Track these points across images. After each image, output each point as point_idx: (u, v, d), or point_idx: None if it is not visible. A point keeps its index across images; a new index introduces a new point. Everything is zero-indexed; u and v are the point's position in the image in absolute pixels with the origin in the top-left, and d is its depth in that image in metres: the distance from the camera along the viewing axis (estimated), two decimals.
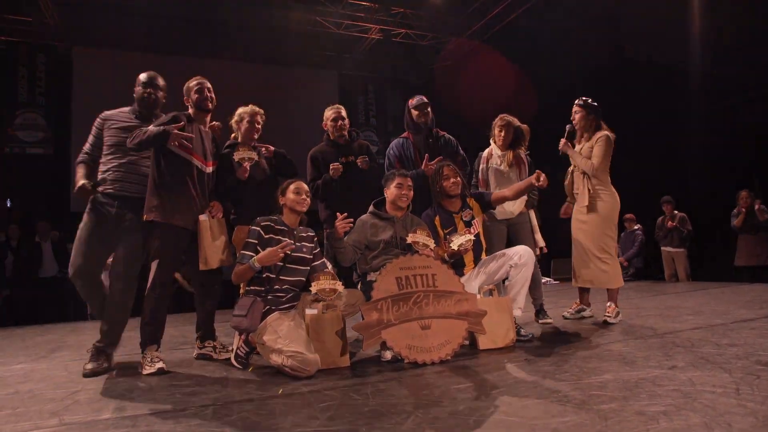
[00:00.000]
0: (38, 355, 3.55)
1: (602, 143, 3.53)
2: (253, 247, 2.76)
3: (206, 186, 2.98)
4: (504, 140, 3.69)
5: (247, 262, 2.71)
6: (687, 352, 2.43)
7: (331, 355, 2.62)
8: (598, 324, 3.49)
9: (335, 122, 3.67)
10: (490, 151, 3.79)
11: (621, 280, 3.58)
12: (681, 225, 7.37)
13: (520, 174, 3.68)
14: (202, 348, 3.09)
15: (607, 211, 3.56)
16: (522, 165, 3.71)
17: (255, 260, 2.69)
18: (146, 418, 1.89)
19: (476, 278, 3.13)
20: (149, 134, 2.69)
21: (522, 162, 3.72)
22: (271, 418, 1.81)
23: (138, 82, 3.04)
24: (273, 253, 2.70)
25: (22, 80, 9.63)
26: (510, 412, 1.71)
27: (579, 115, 3.66)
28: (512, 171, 3.68)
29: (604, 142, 3.53)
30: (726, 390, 1.79)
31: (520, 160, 3.71)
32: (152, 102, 3.02)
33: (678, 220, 7.36)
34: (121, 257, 2.85)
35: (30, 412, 2.04)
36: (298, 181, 2.99)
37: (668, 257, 7.57)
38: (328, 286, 2.72)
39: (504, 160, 3.69)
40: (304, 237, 2.94)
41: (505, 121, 3.70)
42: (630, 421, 1.53)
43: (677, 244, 7.44)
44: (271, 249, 2.72)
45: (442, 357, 2.59)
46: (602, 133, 3.56)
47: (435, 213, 3.26)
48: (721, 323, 3.20)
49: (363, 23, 10.52)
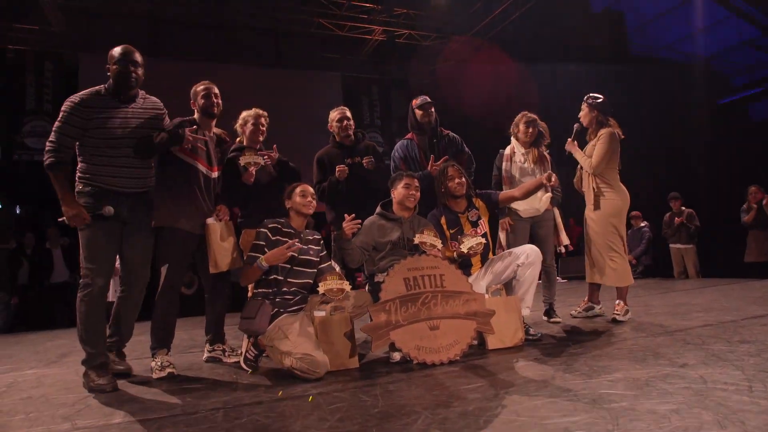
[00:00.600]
0: (50, 360, 3.59)
1: (603, 141, 3.52)
2: (261, 249, 2.77)
3: (212, 191, 2.99)
4: (531, 136, 3.69)
5: (254, 263, 2.73)
6: (698, 350, 2.41)
7: (340, 356, 2.63)
8: (607, 322, 3.47)
9: (340, 122, 3.68)
10: (512, 149, 3.79)
11: (630, 278, 3.56)
12: (689, 221, 7.30)
13: (542, 170, 3.67)
14: (211, 351, 3.10)
15: (613, 209, 3.55)
16: (545, 162, 3.71)
17: (262, 259, 2.71)
18: (157, 422, 1.90)
19: (484, 278, 3.13)
20: (162, 138, 2.67)
21: (545, 159, 3.73)
22: (281, 421, 1.82)
23: (111, 59, 2.68)
24: (280, 251, 2.71)
25: (29, 88, 9.72)
26: (520, 412, 1.70)
27: (583, 113, 3.66)
28: (537, 168, 3.69)
29: (606, 139, 3.52)
30: (738, 387, 1.77)
31: (543, 158, 3.72)
32: (133, 81, 2.69)
33: (686, 216, 7.30)
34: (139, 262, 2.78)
35: (43, 417, 2.06)
36: (303, 184, 3.01)
37: (677, 254, 7.51)
38: (335, 286, 2.73)
39: (528, 157, 3.70)
40: (311, 240, 2.95)
41: (531, 117, 3.72)
42: (641, 420, 1.52)
43: (686, 241, 7.37)
44: (278, 248, 2.73)
45: (450, 357, 2.59)
46: (605, 131, 3.55)
47: (441, 213, 3.26)
48: (732, 320, 3.17)
49: (366, 24, 10.54)
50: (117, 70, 2.66)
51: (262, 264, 2.71)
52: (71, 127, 2.56)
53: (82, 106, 2.58)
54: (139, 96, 2.80)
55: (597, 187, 3.56)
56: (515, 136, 3.79)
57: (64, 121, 2.56)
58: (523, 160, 3.71)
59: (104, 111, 2.63)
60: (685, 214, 7.30)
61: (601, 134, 3.55)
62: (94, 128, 2.59)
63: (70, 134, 2.56)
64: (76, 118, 2.56)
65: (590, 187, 3.60)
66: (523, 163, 3.71)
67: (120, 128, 2.65)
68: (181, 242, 2.83)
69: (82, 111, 2.57)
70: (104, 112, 2.63)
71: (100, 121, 2.60)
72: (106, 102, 2.66)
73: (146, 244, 2.78)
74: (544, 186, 3.22)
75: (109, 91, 2.69)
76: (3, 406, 2.28)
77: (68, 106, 2.58)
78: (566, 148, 3.72)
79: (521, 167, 3.71)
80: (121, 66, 2.66)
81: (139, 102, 2.78)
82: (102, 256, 2.59)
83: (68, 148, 2.56)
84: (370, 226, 3.08)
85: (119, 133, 2.64)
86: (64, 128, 2.55)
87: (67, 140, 2.55)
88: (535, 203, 3.59)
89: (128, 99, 2.73)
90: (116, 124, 2.65)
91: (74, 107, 2.57)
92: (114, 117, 2.65)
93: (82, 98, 2.61)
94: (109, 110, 2.65)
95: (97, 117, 2.60)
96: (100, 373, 2.49)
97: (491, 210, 3.38)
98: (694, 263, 7.33)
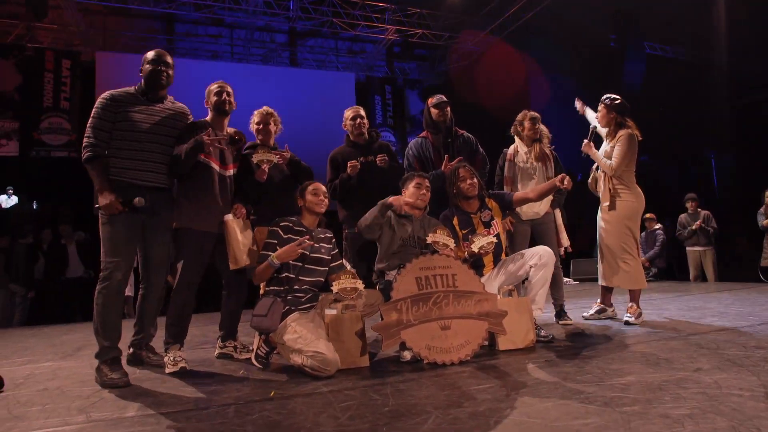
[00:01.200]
0: (65, 353, 3.64)
1: (623, 142, 3.48)
2: (273, 247, 2.78)
3: (228, 189, 3.02)
4: (536, 133, 3.70)
5: (266, 261, 2.75)
6: (712, 354, 2.38)
7: (351, 355, 2.64)
8: (619, 325, 3.44)
9: (354, 120, 3.69)
10: (515, 148, 3.79)
11: (644, 281, 3.53)
12: (706, 223, 7.18)
13: (546, 169, 3.68)
14: (223, 347, 3.13)
15: (628, 211, 3.51)
16: (548, 160, 3.71)
17: (273, 257, 2.72)
18: (170, 416, 1.92)
19: (496, 278, 3.12)
20: (186, 151, 2.75)
21: (548, 157, 3.71)
22: (292, 417, 1.83)
23: (145, 60, 2.83)
24: (291, 248, 2.73)
25: (47, 85, 9.89)
26: (531, 414, 1.70)
27: (600, 114, 3.63)
28: (539, 166, 3.68)
29: (626, 141, 3.48)
30: (754, 393, 1.75)
31: (545, 156, 3.70)
32: (164, 80, 2.83)
33: (703, 218, 7.18)
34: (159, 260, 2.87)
35: (58, 409, 2.10)
36: (316, 183, 3.02)
37: (695, 257, 7.34)
38: (349, 285, 2.75)
39: (530, 156, 3.69)
40: (323, 238, 2.96)
41: (535, 114, 3.73)
42: (654, 424, 1.51)
43: (705, 243, 7.22)
44: (289, 245, 2.75)
45: (461, 357, 2.58)
46: (624, 132, 3.51)
47: (453, 214, 3.25)
48: (747, 325, 3.12)
49: (380, 24, 10.55)
50: (150, 69, 2.81)
51: (274, 261, 2.72)
52: (104, 122, 2.69)
53: (112, 101, 2.72)
54: (168, 99, 2.94)
55: (614, 188, 3.53)
56: (519, 135, 3.79)
57: (97, 116, 2.69)
58: (526, 159, 3.71)
59: (133, 107, 2.76)
60: (702, 216, 7.18)
61: (620, 135, 3.51)
62: (121, 121, 2.71)
63: (104, 128, 2.69)
64: (108, 113, 2.70)
65: (607, 188, 3.56)
66: (525, 162, 3.70)
67: (146, 123, 2.77)
68: (198, 242, 2.87)
69: (112, 106, 2.71)
70: (133, 107, 2.76)
71: (127, 116, 2.73)
72: (136, 99, 2.80)
73: (166, 242, 2.87)
74: (557, 187, 3.20)
75: (139, 91, 2.83)
76: (20, 398, 2.32)
77: (100, 102, 2.72)
78: (583, 150, 3.68)
79: (522, 167, 3.71)
80: (154, 65, 2.81)
81: (167, 104, 2.92)
82: (122, 252, 2.65)
83: (103, 141, 2.69)
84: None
85: (144, 128, 2.76)
86: (97, 123, 2.69)
87: (102, 134, 2.68)
88: (534, 207, 3.58)
89: (157, 99, 2.86)
90: (143, 120, 2.76)
91: (106, 103, 2.71)
92: (141, 113, 2.77)
93: (113, 94, 2.75)
94: (138, 106, 2.78)
95: (125, 111, 2.73)
96: (113, 368, 2.52)
97: (504, 211, 3.37)
98: (713, 265, 7.18)
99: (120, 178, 2.68)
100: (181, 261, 2.85)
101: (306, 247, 2.78)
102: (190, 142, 2.78)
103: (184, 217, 2.85)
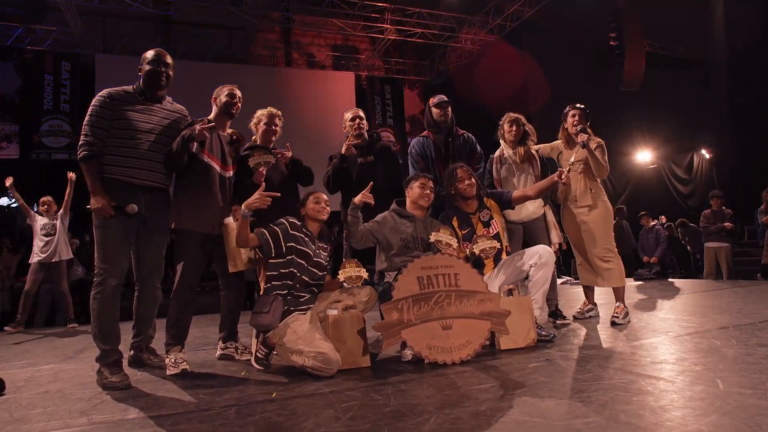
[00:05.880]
0: (66, 356, 3.64)
1: (602, 149, 3.54)
2: (275, 234, 2.76)
3: (228, 190, 3.01)
4: (516, 135, 3.71)
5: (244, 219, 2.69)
6: (714, 352, 2.37)
7: (352, 354, 2.64)
8: (621, 324, 3.42)
9: (353, 121, 3.69)
10: (501, 152, 3.82)
11: (624, 279, 3.54)
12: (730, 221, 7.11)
13: (533, 168, 3.72)
14: (224, 348, 3.13)
15: (608, 212, 3.58)
16: (533, 160, 3.74)
17: (243, 205, 2.68)
18: (171, 418, 1.92)
19: (496, 278, 3.11)
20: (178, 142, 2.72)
21: (533, 157, 3.75)
22: (293, 418, 1.83)
23: (144, 60, 2.79)
24: (259, 194, 2.69)
25: (47, 88, 9.89)
26: (532, 413, 1.69)
27: (576, 119, 3.60)
28: (525, 164, 3.71)
29: (603, 147, 3.56)
30: (756, 391, 1.74)
31: (531, 155, 3.73)
32: (163, 80, 2.80)
33: (729, 218, 7.10)
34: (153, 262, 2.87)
35: (60, 411, 2.10)
36: (316, 192, 3.02)
37: (711, 254, 7.21)
38: (354, 273, 2.81)
39: (516, 155, 3.72)
40: (322, 247, 2.98)
41: (514, 116, 3.76)
42: (655, 423, 1.51)
43: (722, 239, 7.13)
44: (257, 192, 2.70)
45: (462, 357, 2.57)
46: (599, 140, 3.58)
47: (453, 214, 3.25)
48: (750, 323, 3.12)
49: (379, 24, 10.55)
50: (149, 69, 2.78)
51: (245, 212, 2.68)
52: (102, 120, 2.66)
53: (110, 100, 2.69)
54: (166, 99, 2.91)
55: (595, 190, 3.56)
56: (502, 137, 3.82)
57: (95, 114, 2.66)
58: (511, 161, 3.74)
59: (131, 106, 2.73)
60: (728, 216, 7.10)
61: (598, 142, 3.57)
62: (118, 120, 2.68)
63: (102, 126, 2.66)
64: (106, 111, 2.67)
65: (587, 189, 3.56)
66: (511, 164, 3.74)
67: (143, 123, 2.74)
68: (197, 243, 2.86)
69: (110, 104, 2.68)
70: (130, 106, 2.73)
71: (125, 114, 2.70)
72: (134, 98, 2.77)
73: (161, 244, 2.86)
74: (557, 183, 3.19)
75: (137, 90, 2.80)
76: (21, 400, 2.33)
77: (98, 101, 2.68)
78: (584, 141, 3.64)
79: (509, 166, 3.74)
80: (154, 65, 2.78)
81: (165, 104, 2.89)
82: (115, 257, 2.64)
83: (100, 140, 2.66)
84: (383, 220, 3.10)
85: (142, 128, 2.73)
86: (95, 121, 2.66)
87: (99, 132, 2.65)
88: (527, 208, 3.60)
89: (155, 99, 2.83)
90: (140, 119, 2.74)
91: (104, 101, 2.68)
92: (139, 112, 2.75)
93: (111, 93, 2.72)
94: (135, 105, 2.75)
95: (122, 110, 2.70)
96: (114, 370, 2.52)
97: (503, 209, 3.37)
98: (727, 261, 7.11)
99: (115, 177, 2.66)
100: (181, 263, 2.84)
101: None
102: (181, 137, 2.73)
103: (183, 217, 2.84)
